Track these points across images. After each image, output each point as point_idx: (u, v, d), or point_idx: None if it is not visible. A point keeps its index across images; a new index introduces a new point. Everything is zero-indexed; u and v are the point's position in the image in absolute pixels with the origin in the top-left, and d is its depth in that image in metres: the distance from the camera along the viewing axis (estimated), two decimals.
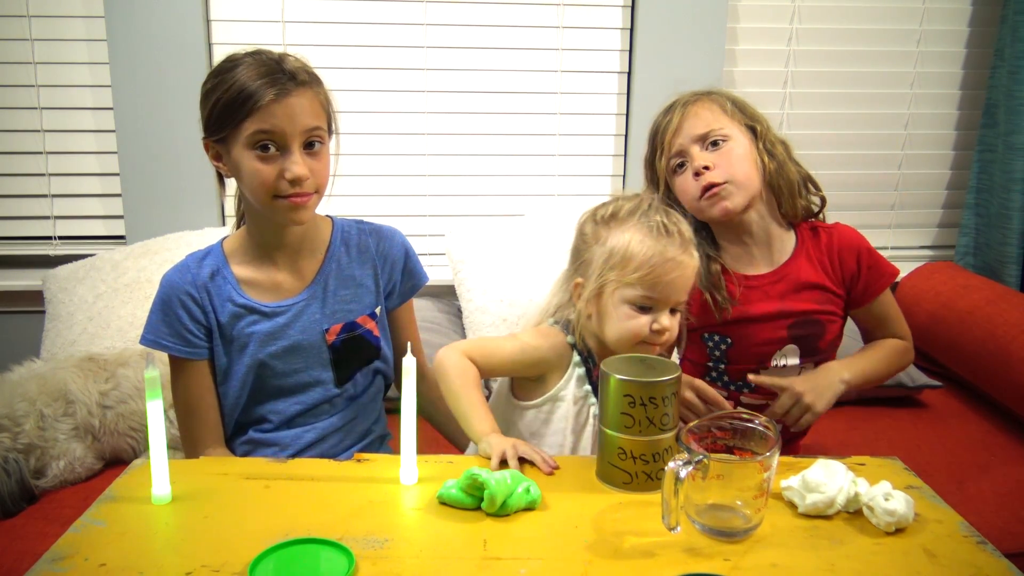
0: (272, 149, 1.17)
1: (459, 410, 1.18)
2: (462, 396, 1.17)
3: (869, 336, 1.44)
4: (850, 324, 1.44)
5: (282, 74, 1.17)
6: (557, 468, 1.09)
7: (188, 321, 1.25)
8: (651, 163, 1.37)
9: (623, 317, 1.17)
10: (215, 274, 1.27)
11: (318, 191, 1.22)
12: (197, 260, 1.28)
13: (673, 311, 1.19)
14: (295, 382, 1.30)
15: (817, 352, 1.37)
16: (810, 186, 1.39)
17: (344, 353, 1.31)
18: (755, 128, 1.34)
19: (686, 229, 1.19)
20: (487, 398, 1.26)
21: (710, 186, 1.29)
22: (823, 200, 1.40)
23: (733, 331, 1.36)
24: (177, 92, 2.08)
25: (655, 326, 1.16)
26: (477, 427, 1.15)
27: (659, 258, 1.15)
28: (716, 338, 1.37)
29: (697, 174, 1.30)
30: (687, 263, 1.17)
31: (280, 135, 1.16)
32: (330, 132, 1.25)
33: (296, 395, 1.30)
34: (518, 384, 1.28)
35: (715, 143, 1.31)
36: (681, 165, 1.33)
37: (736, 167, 1.30)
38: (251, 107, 1.15)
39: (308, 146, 1.20)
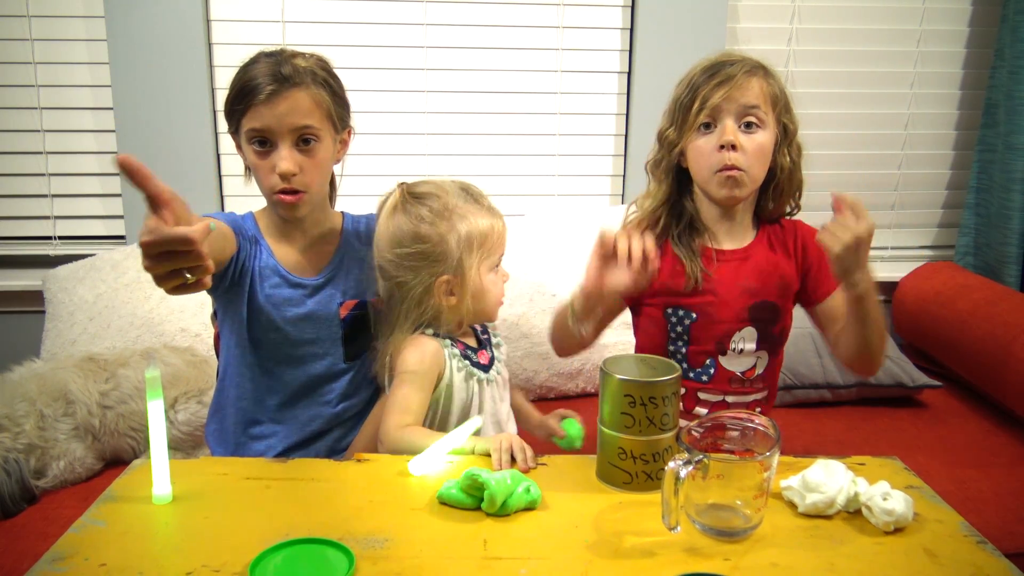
0: (267, 145, 1.26)
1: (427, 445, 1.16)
2: (420, 439, 1.15)
3: (835, 339, 1.36)
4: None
5: (277, 75, 1.23)
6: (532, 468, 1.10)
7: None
8: (685, 108, 1.32)
9: (492, 284, 1.30)
10: (255, 234, 1.35)
11: (307, 189, 1.28)
12: (239, 216, 1.36)
13: None
14: (304, 352, 1.34)
15: (771, 338, 1.37)
16: (798, 195, 1.39)
17: (355, 328, 1.37)
18: (788, 128, 1.34)
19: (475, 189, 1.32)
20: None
21: (730, 167, 1.28)
22: (798, 209, 1.41)
23: (699, 306, 1.34)
24: (177, 92, 2.09)
25: (504, 280, 1.33)
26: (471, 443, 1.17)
27: (495, 232, 1.28)
28: (680, 312, 1.35)
29: (722, 147, 1.28)
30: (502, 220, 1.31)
31: (270, 132, 1.24)
32: (337, 129, 1.32)
33: (304, 364, 1.35)
34: None
35: (749, 125, 1.29)
36: (707, 126, 1.30)
37: (756, 160, 1.29)
38: (246, 105, 1.24)
39: (304, 143, 1.26)
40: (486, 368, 1.31)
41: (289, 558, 0.89)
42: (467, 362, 1.28)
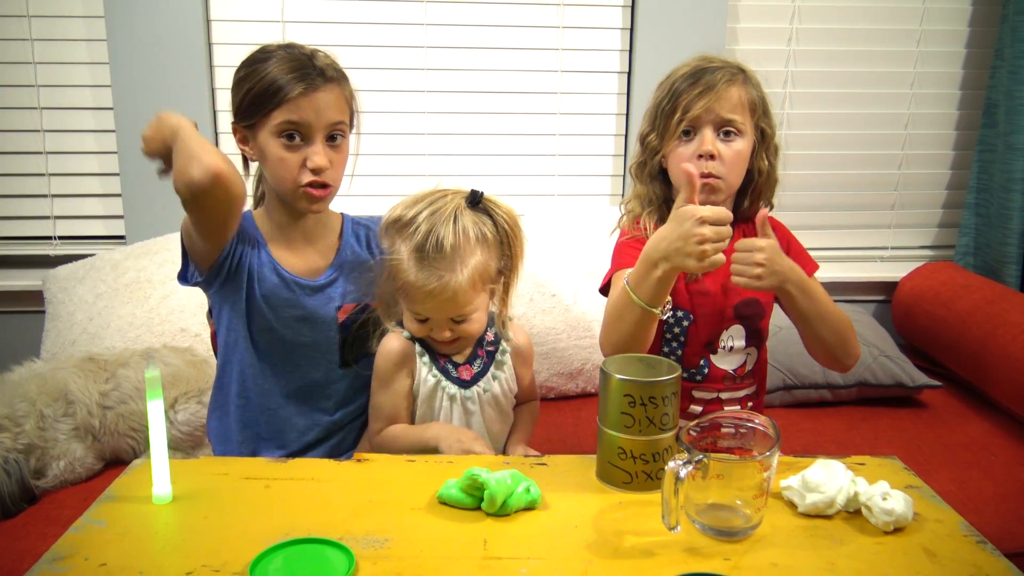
0: (297, 139, 1.25)
1: (407, 442, 1.26)
2: (399, 437, 1.28)
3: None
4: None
5: (312, 69, 1.24)
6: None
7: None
8: (667, 115, 1.33)
9: (409, 319, 1.28)
10: (253, 233, 1.33)
11: (335, 184, 1.29)
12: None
13: (458, 320, 1.25)
14: (300, 356, 1.33)
15: (758, 333, 1.39)
16: (771, 194, 1.40)
17: (352, 333, 1.35)
18: (765, 132, 1.35)
19: (456, 239, 1.22)
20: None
21: (707, 174, 1.29)
22: (771, 208, 1.41)
23: (694, 306, 1.36)
24: (177, 92, 2.09)
25: (435, 335, 1.26)
26: (424, 435, 1.24)
27: (417, 291, 1.22)
28: (680, 313, 1.36)
29: (700, 156, 1.29)
30: (445, 289, 1.20)
31: (306, 127, 1.24)
32: (352, 127, 1.33)
33: (300, 368, 1.33)
34: None
35: (728, 133, 1.30)
36: (687, 133, 1.32)
37: (734, 167, 1.31)
38: (281, 99, 1.22)
39: (331, 139, 1.27)
40: (465, 384, 1.30)
41: (289, 558, 0.89)
42: (440, 373, 1.28)
